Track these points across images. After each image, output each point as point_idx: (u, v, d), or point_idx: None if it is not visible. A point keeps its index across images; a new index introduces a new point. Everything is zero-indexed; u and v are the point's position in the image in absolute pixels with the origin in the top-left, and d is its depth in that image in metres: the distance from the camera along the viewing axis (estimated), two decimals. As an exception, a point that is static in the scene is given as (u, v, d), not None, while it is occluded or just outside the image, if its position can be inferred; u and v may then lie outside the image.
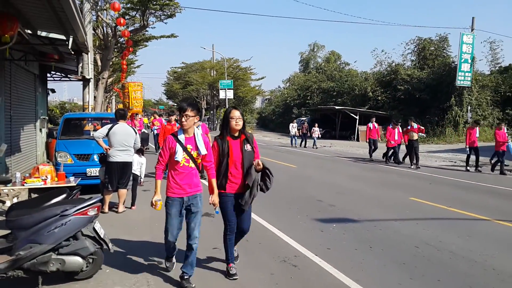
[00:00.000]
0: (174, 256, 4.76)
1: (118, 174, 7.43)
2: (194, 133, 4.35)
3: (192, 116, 4.27)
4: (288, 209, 8.03)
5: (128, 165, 7.55)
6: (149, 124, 24.97)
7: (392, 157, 16.83)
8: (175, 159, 4.21)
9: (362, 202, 8.80)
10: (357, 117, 32.77)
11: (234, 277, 4.54)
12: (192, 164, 4.30)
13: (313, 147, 24.55)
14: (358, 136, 32.39)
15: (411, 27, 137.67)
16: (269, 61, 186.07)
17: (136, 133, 7.69)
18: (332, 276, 4.64)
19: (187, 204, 4.32)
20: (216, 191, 4.40)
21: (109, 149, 7.41)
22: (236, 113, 4.46)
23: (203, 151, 4.31)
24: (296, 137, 26.23)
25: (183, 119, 4.26)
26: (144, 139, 18.73)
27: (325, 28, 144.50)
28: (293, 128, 26.06)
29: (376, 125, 18.38)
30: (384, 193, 10.03)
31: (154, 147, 18.86)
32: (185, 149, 4.25)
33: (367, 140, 19.03)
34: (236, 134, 4.53)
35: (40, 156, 13.76)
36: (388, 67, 37.29)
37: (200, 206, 4.38)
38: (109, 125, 7.54)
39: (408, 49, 37.66)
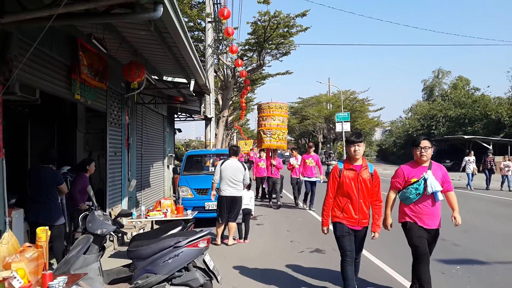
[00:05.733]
0: None
1: (227, 208, 7.72)
2: None
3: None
4: (406, 249, 7.43)
5: (237, 199, 7.80)
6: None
7: None
8: None
9: (492, 241, 7.83)
10: (490, 147, 29.68)
11: None
12: None
13: (501, 188, 17.80)
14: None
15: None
16: (388, 91, 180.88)
17: (245, 169, 7.94)
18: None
19: None
20: None
21: (215, 195, 7.90)
22: None
23: None
24: (473, 175, 18.64)
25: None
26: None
27: (450, 53, 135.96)
28: (471, 163, 18.48)
29: None
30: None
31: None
32: None
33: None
34: None
35: (167, 190, 14.92)
36: (525, 90, 33.51)
37: None
38: (220, 162, 7.95)
39: (549, 68, 33.52)
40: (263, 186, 14.37)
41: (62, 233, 5.70)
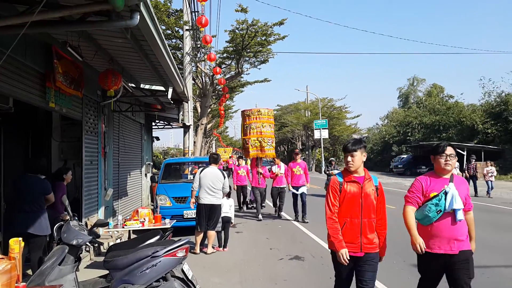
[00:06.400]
0: None
1: (206, 216, 7.68)
2: None
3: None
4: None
5: (215, 208, 7.76)
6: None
7: None
8: None
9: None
10: (465, 153, 30.39)
11: None
12: None
13: (487, 195, 17.17)
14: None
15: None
16: (365, 99, 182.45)
17: (225, 177, 7.91)
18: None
19: None
20: None
21: (194, 203, 7.84)
22: None
23: None
24: None
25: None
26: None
27: (424, 61, 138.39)
28: (456, 169, 16.85)
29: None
30: (494, 235, 9.04)
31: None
32: None
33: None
34: None
35: (145, 199, 14.75)
36: (497, 98, 34.40)
37: None
38: (200, 170, 7.91)
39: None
40: (250, 198, 13.80)
41: (44, 244, 5.56)
